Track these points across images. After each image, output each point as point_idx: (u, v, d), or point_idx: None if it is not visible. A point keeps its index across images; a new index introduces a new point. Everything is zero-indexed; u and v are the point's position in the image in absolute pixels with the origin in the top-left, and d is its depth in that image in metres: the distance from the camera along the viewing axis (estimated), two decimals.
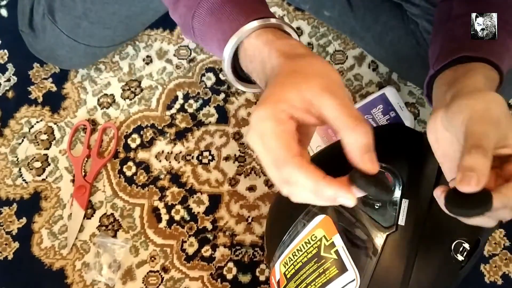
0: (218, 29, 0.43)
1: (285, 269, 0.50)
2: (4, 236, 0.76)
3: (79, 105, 0.83)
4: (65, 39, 0.77)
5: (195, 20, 0.45)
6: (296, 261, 0.49)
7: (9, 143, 0.82)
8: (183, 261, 0.74)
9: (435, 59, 0.50)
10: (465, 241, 0.48)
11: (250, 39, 0.42)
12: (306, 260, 0.48)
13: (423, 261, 0.48)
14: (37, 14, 0.77)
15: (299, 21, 0.87)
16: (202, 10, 0.44)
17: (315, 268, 0.47)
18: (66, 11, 0.75)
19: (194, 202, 0.77)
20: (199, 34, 0.46)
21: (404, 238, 0.48)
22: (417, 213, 0.49)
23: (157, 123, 0.81)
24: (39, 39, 0.79)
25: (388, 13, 0.73)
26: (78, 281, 0.73)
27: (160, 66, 0.85)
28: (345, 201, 0.35)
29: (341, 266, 0.46)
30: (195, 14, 0.44)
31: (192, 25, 0.45)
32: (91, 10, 0.75)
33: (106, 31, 0.78)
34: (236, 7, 0.43)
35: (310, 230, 0.50)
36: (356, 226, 0.49)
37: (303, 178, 0.34)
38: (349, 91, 0.82)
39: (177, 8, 0.47)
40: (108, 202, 0.77)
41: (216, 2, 0.43)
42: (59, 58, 0.81)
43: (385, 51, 0.76)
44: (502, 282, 0.71)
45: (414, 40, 0.72)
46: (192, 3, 0.44)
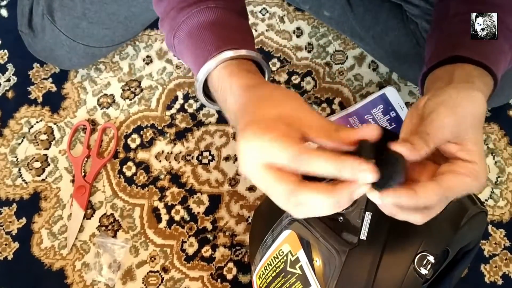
0: (192, 54, 0.46)
1: (260, 281, 0.50)
2: (4, 237, 0.76)
3: (79, 105, 0.83)
4: (64, 39, 0.77)
5: (175, 39, 0.48)
6: (267, 275, 0.49)
7: (8, 143, 0.82)
8: (183, 261, 0.74)
9: (429, 57, 0.50)
10: (430, 254, 0.47)
11: (216, 70, 0.43)
12: (275, 275, 0.48)
13: (384, 275, 0.47)
14: (37, 14, 0.77)
15: (299, 21, 0.87)
16: (182, 32, 0.47)
17: (282, 283, 0.47)
18: (65, 11, 0.75)
19: (194, 202, 0.77)
20: (178, 52, 0.49)
21: (366, 253, 0.47)
22: (380, 226, 0.48)
23: (157, 123, 0.81)
24: (38, 39, 0.79)
25: (388, 13, 0.73)
26: (78, 281, 0.73)
27: (160, 66, 0.85)
28: (365, 176, 0.33)
29: (305, 281, 0.46)
30: (175, 35, 0.48)
31: (173, 43, 0.49)
32: (90, 10, 0.75)
33: (105, 31, 0.78)
34: (213, 35, 0.45)
35: (278, 245, 0.50)
36: (320, 241, 0.48)
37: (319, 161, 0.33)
38: (349, 91, 0.82)
39: (163, 26, 0.50)
40: (108, 202, 0.77)
41: (193, 27, 0.46)
42: (58, 58, 0.81)
43: (385, 51, 0.77)
44: (502, 282, 0.71)
45: (414, 40, 0.72)
46: (174, 24, 0.47)
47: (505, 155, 0.77)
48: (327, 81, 0.83)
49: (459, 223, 0.49)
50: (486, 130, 0.79)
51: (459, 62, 0.46)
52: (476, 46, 0.47)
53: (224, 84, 0.42)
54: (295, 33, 0.86)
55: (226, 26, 0.46)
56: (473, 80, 0.43)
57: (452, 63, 0.46)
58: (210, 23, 0.46)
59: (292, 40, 0.86)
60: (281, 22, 0.87)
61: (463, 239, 0.53)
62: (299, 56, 0.84)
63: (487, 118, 0.80)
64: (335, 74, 0.83)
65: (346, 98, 0.81)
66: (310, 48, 0.85)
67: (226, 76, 0.42)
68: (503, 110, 0.80)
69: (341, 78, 0.83)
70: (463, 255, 0.55)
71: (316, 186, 0.34)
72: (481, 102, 0.39)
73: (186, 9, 0.47)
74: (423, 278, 0.47)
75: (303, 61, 0.84)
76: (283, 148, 0.34)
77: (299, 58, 0.84)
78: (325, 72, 0.83)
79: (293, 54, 0.85)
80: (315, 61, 0.84)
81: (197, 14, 0.46)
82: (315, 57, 0.84)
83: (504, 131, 0.79)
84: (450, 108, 0.38)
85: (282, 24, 0.87)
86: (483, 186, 0.39)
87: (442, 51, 0.48)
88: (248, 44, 0.47)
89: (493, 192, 0.75)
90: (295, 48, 0.85)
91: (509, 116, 0.80)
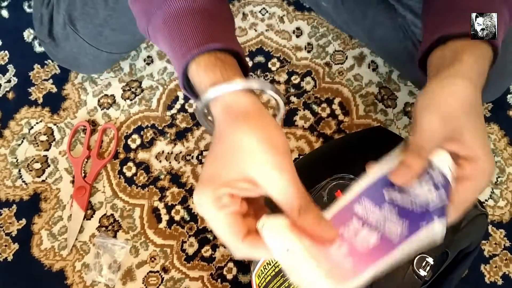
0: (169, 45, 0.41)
1: (259, 280, 0.50)
2: (3, 238, 0.76)
3: (79, 106, 0.83)
4: (87, 47, 0.77)
5: (150, 26, 0.43)
6: (266, 274, 0.49)
7: (8, 144, 0.82)
8: (183, 261, 0.74)
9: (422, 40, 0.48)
10: (429, 255, 0.47)
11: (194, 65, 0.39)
12: (274, 274, 0.48)
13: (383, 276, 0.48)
14: (57, 23, 0.76)
15: (298, 21, 0.87)
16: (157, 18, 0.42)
17: (281, 282, 0.47)
18: (87, 19, 0.74)
19: (194, 202, 0.77)
20: (152, 37, 0.45)
21: None
22: None
23: (158, 123, 0.81)
24: (60, 48, 0.78)
25: (376, 7, 0.72)
26: (78, 282, 0.73)
27: (161, 66, 0.85)
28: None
29: None
30: (150, 19, 0.43)
31: (146, 29, 0.44)
32: (112, 17, 0.73)
33: (126, 37, 0.78)
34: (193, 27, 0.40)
35: None
36: None
37: (255, 255, 0.35)
38: (349, 91, 0.82)
39: (135, 5, 0.45)
40: (108, 203, 0.77)
41: (171, 14, 0.41)
42: (82, 66, 0.81)
43: (376, 46, 0.76)
44: (502, 283, 0.71)
45: (402, 34, 0.70)
46: (149, 7, 0.43)
47: (505, 155, 0.77)
48: (326, 81, 0.83)
49: (458, 226, 0.49)
50: (486, 130, 0.79)
51: (449, 41, 0.43)
52: (461, 17, 0.44)
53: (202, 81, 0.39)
54: (294, 33, 0.86)
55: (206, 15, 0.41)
56: (461, 57, 0.40)
57: (442, 43, 0.44)
58: (190, 11, 0.41)
59: (292, 40, 0.86)
60: (281, 22, 0.87)
61: (463, 241, 0.52)
62: (298, 56, 0.84)
63: (487, 118, 0.79)
64: (334, 74, 0.83)
65: (346, 98, 0.81)
66: (309, 48, 0.85)
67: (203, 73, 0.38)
68: (502, 110, 0.80)
69: (340, 78, 0.83)
70: (463, 257, 0.55)
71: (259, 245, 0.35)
72: (466, 90, 0.37)
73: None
74: (422, 279, 0.47)
75: (303, 61, 0.84)
76: (226, 233, 0.35)
77: (299, 58, 0.84)
78: (325, 72, 0.83)
79: (292, 54, 0.85)
80: (315, 61, 0.84)
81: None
82: (315, 57, 0.84)
83: (504, 131, 0.79)
84: (434, 112, 0.37)
85: (281, 24, 0.87)
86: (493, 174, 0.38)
87: (430, 36, 0.45)
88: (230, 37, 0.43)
89: (493, 192, 0.75)
90: (295, 48, 0.85)
91: (509, 116, 0.80)
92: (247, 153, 0.34)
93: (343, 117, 0.80)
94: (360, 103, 0.81)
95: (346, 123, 0.80)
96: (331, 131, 0.80)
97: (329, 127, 0.80)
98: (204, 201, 0.35)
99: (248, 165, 0.34)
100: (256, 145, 0.34)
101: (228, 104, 0.37)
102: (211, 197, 0.34)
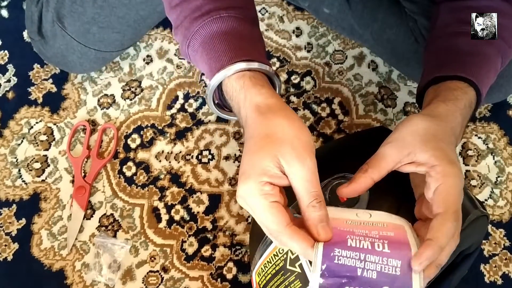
0: (206, 64, 0.48)
1: (259, 279, 0.50)
2: (3, 237, 0.76)
3: (79, 105, 0.83)
4: (75, 45, 0.77)
5: (189, 49, 0.49)
6: (266, 272, 0.49)
7: (8, 144, 0.82)
8: (183, 261, 0.74)
9: (421, 76, 0.54)
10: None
11: (230, 80, 0.45)
12: (274, 272, 0.48)
13: None
14: (46, 21, 0.76)
15: (298, 21, 0.87)
16: (195, 41, 0.48)
17: (281, 281, 0.47)
18: (75, 17, 0.75)
19: (194, 202, 0.77)
20: (193, 60, 0.51)
21: None
22: None
23: (157, 123, 0.81)
24: (49, 46, 0.79)
25: (386, 10, 0.73)
26: (78, 282, 0.73)
27: (161, 66, 0.85)
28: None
29: (304, 280, 0.46)
30: (189, 44, 0.49)
31: (187, 52, 0.50)
32: (100, 15, 0.75)
33: (115, 35, 0.78)
34: (226, 45, 0.46)
35: None
36: None
37: (295, 245, 0.39)
38: (349, 91, 0.82)
39: (177, 34, 0.51)
40: (107, 203, 0.77)
41: (207, 36, 0.47)
42: (70, 64, 0.81)
43: (383, 48, 0.77)
44: (502, 282, 0.71)
45: (413, 38, 0.72)
46: (188, 34, 0.48)
47: (505, 155, 0.77)
48: (326, 81, 0.83)
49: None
50: (486, 130, 0.79)
51: (440, 82, 0.49)
52: (455, 61, 0.51)
53: (237, 95, 0.45)
54: (294, 33, 0.86)
55: (238, 36, 0.47)
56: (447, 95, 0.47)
57: (436, 82, 0.50)
58: (223, 33, 0.47)
59: (292, 39, 0.86)
60: (281, 21, 0.87)
61: (463, 243, 0.52)
62: (298, 55, 0.84)
63: (487, 118, 0.80)
64: (334, 73, 0.83)
65: (346, 97, 0.81)
66: (309, 48, 0.85)
67: (239, 88, 0.45)
68: (502, 110, 0.80)
69: (340, 78, 0.83)
70: (463, 259, 0.55)
71: (297, 236, 0.38)
72: (422, 123, 0.43)
73: (199, 19, 0.47)
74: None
75: (303, 61, 0.84)
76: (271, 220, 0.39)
77: (299, 57, 0.84)
78: (325, 72, 0.83)
79: (292, 53, 0.85)
80: (315, 60, 0.84)
81: (210, 23, 0.47)
82: (315, 56, 0.84)
83: (504, 131, 0.79)
84: (390, 142, 0.43)
85: (281, 24, 0.87)
86: (460, 170, 0.41)
87: (431, 70, 0.52)
88: (260, 55, 0.48)
89: (493, 192, 0.75)
90: (295, 47, 0.85)
91: (509, 116, 0.80)
92: (278, 140, 0.39)
93: (343, 117, 0.80)
94: (360, 103, 0.81)
95: (346, 122, 0.80)
96: (331, 131, 0.80)
97: (329, 126, 0.80)
98: (249, 192, 0.39)
99: (279, 151, 0.39)
100: (287, 131, 0.40)
101: (257, 104, 0.42)
102: (255, 187, 0.38)
